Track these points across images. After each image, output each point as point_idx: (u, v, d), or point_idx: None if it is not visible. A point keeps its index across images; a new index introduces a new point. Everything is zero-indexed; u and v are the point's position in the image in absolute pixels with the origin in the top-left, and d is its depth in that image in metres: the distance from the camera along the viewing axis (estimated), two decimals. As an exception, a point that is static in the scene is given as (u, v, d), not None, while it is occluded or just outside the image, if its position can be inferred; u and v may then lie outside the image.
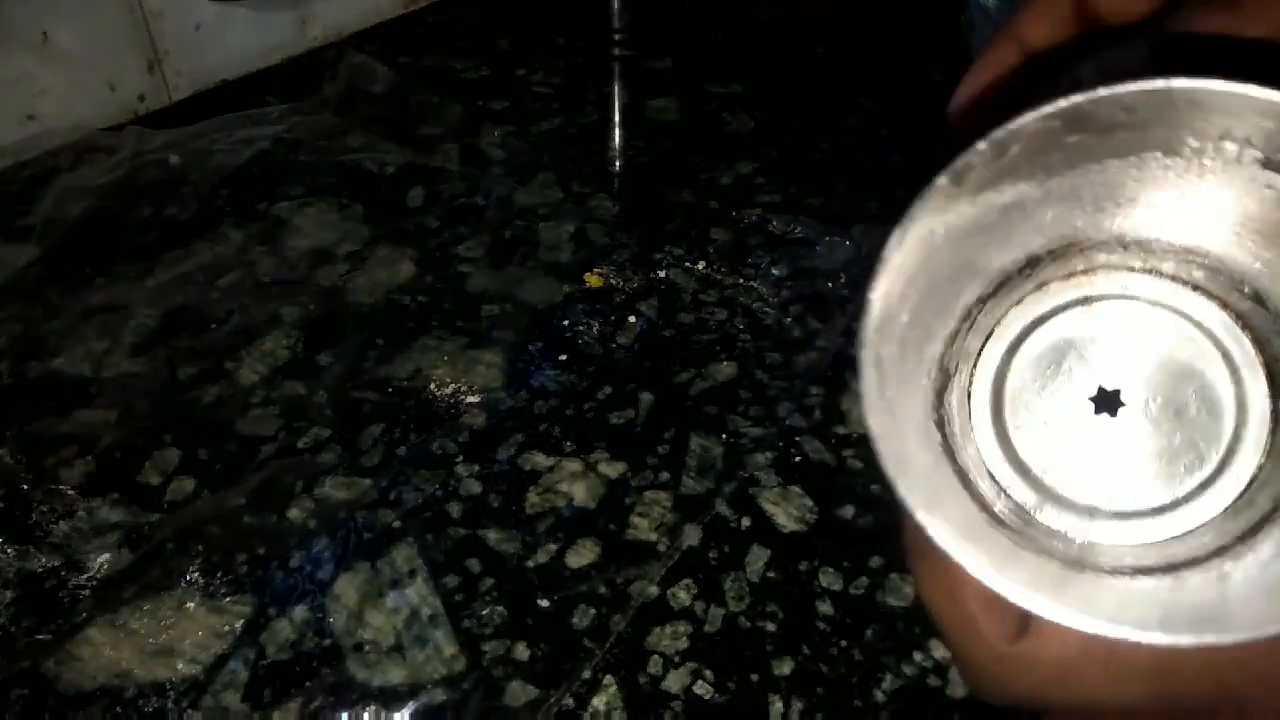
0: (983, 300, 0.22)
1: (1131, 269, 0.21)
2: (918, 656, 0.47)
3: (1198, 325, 0.21)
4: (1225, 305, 0.21)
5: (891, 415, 0.20)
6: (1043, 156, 0.19)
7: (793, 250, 0.73)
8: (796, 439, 0.58)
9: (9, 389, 0.59)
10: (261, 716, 0.44)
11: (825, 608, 0.49)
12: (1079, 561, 0.21)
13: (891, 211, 0.19)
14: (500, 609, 0.48)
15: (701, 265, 0.72)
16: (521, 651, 0.46)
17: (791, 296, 0.68)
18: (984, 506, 0.21)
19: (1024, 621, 0.22)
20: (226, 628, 0.47)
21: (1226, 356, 0.21)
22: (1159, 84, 0.17)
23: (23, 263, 0.68)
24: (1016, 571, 0.20)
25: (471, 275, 0.70)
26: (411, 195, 0.77)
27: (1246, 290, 0.21)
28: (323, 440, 0.57)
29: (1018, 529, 0.22)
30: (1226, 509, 0.21)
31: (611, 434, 0.58)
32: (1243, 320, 0.21)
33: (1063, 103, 0.17)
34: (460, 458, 0.56)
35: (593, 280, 0.70)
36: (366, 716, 0.44)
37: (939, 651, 0.47)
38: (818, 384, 0.61)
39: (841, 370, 0.63)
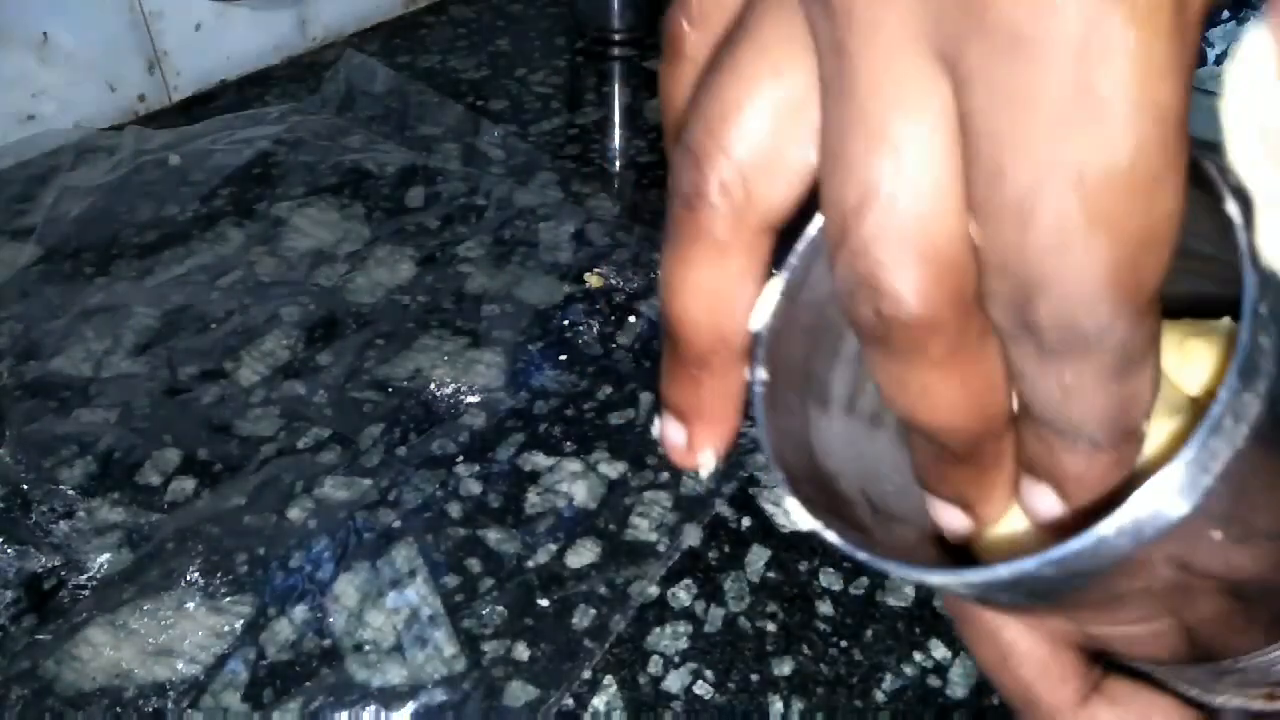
0: None
1: None
2: (918, 656, 0.47)
3: None
4: None
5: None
6: None
7: (793, 250, 0.73)
8: (796, 439, 0.58)
9: (9, 389, 0.59)
10: (261, 716, 0.44)
11: (825, 608, 0.49)
12: None
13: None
14: (500, 609, 0.48)
15: (701, 265, 0.71)
16: (521, 651, 0.46)
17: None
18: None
19: (1089, 685, 0.21)
20: (226, 628, 0.47)
21: None
22: None
23: (23, 262, 0.68)
24: None
25: (471, 275, 0.70)
26: (411, 195, 0.77)
27: None
28: (323, 440, 0.57)
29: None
30: None
31: (611, 434, 0.58)
32: None
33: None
34: (460, 458, 0.56)
35: (593, 280, 0.70)
36: (366, 716, 0.44)
37: (939, 651, 0.47)
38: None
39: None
